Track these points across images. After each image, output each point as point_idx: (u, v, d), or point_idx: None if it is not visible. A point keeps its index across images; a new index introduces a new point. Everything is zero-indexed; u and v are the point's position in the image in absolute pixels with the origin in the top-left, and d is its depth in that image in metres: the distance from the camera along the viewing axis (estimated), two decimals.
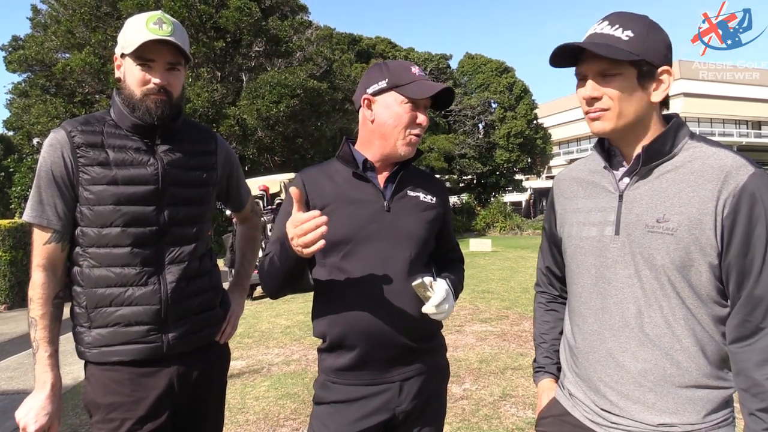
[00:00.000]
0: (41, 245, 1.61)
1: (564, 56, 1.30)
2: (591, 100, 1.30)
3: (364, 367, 1.57)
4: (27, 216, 1.62)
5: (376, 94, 1.61)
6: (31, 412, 1.55)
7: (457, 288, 1.67)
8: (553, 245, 1.58)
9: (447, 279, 1.60)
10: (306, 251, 1.37)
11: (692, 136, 1.29)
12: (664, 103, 1.31)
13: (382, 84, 1.59)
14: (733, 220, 1.17)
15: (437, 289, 1.50)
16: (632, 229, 1.28)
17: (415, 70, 1.61)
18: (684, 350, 1.24)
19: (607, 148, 1.39)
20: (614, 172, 1.36)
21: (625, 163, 1.35)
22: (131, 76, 1.64)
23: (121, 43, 1.65)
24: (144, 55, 1.61)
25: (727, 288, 1.22)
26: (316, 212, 1.37)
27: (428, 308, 1.49)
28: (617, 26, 1.25)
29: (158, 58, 1.63)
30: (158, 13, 1.65)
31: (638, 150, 1.29)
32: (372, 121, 1.61)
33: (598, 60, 1.25)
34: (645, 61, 1.23)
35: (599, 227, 1.35)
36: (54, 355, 1.62)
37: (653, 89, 1.26)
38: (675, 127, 1.28)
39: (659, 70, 1.25)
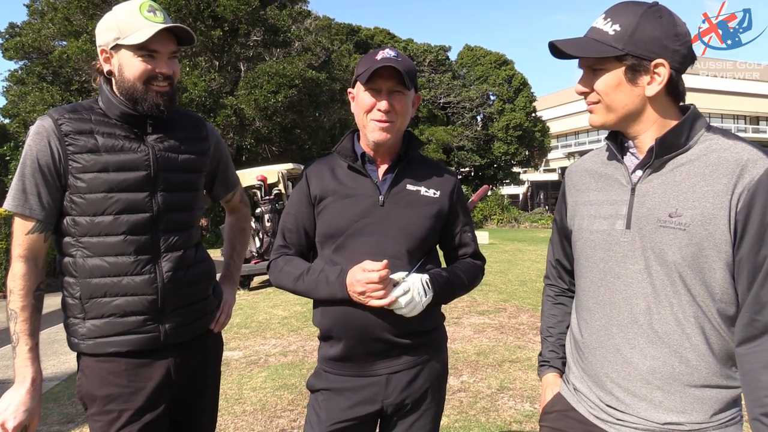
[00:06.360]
0: (23, 235, 1.56)
1: (560, 51, 1.28)
2: (581, 94, 1.31)
3: (350, 359, 1.59)
4: (9, 205, 1.56)
5: (352, 88, 1.68)
6: (10, 407, 1.50)
7: (449, 283, 1.63)
8: (564, 238, 1.55)
9: (429, 274, 1.57)
10: (372, 304, 1.47)
11: (709, 128, 1.25)
12: (677, 94, 1.26)
13: (354, 78, 1.64)
14: (747, 214, 1.13)
15: (402, 285, 1.50)
16: (644, 223, 1.25)
17: (380, 55, 1.57)
18: (693, 348, 1.21)
19: (621, 140, 1.35)
20: (627, 164, 1.33)
21: (638, 155, 1.31)
22: (131, 68, 1.57)
23: (112, 34, 1.57)
24: (149, 45, 1.56)
25: (737, 285, 1.18)
26: (383, 269, 1.45)
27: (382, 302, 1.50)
28: (609, 20, 1.24)
29: (162, 48, 1.59)
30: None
31: (651, 142, 1.25)
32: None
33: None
34: (630, 55, 1.20)
35: (610, 220, 1.32)
36: (35, 349, 1.56)
37: (647, 83, 1.22)
38: (691, 119, 1.24)
39: (653, 63, 1.20)
